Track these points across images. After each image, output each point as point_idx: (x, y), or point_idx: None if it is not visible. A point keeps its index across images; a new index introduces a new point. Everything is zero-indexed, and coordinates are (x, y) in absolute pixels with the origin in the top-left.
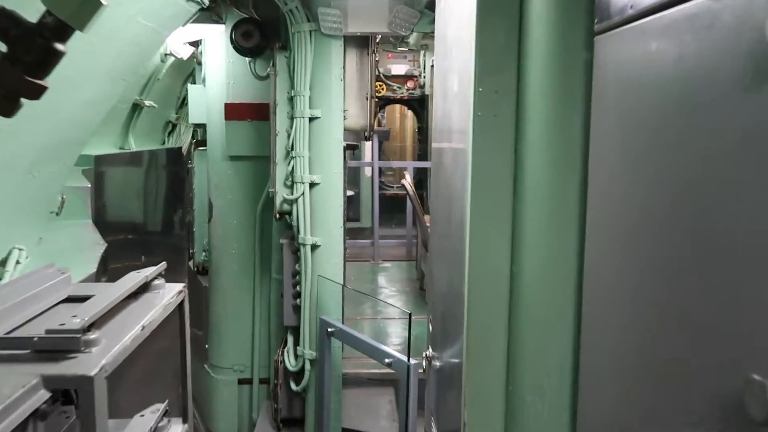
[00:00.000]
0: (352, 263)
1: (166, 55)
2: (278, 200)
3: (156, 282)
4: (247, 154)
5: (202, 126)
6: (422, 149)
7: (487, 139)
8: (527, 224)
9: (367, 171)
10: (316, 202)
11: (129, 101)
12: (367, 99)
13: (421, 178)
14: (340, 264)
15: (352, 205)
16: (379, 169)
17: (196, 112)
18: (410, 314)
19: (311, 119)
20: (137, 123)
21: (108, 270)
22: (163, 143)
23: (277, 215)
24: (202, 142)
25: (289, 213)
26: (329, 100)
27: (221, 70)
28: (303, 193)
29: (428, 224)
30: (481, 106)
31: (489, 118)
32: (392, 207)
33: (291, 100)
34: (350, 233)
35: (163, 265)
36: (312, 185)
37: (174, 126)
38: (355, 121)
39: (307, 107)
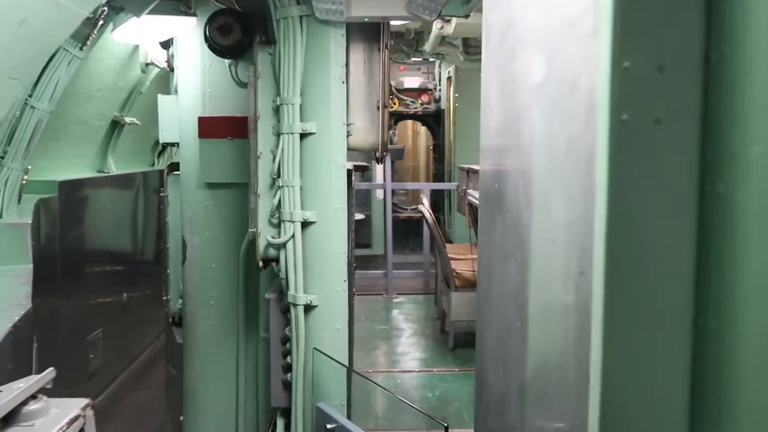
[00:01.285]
0: (363, 297)
1: (147, 65)
2: (261, 244)
3: (33, 407)
4: (227, 181)
5: (176, 145)
6: (438, 169)
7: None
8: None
9: (378, 193)
10: (312, 248)
11: (106, 118)
12: (378, 109)
13: (437, 200)
14: (343, 331)
15: (362, 230)
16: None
17: (167, 129)
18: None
19: (303, 135)
20: (118, 143)
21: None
22: (153, 165)
23: (261, 263)
24: (177, 165)
25: (277, 260)
26: (327, 110)
27: (196, 75)
28: (293, 236)
29: (450, 254)
30: (629, 99)
31: (645, 122)
32: (406, 231)
33: (277, 110)
34: (360, 262)
35: (49, 373)
36: (305, 224)
37: (165, 146)
38: (362, 138)
39: (298, 120)
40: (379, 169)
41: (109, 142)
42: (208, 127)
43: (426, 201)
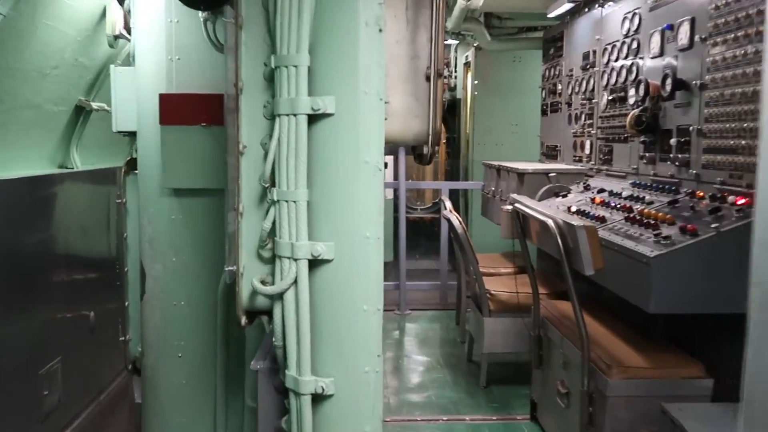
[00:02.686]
0: None
1: (116, 38)
2: (244, 290)
3: None
4: (200, 186)
5: (133, 135)
6: (451, 165)
7: None
8: None
9: (387, 192)
10: (325, 301)
11: (67, 102)
12: (427, 80)
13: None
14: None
15: None
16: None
17: (122, 112)
18: None
19: (314, 118)
20: (84, 132)
21: None
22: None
23: (243, 319)
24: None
25: (268, 312)
26: (354, 76)
27: (158, 37)
28: (296, 281)
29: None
30: None
31: None
32: (416, 233)
33: (271, 78)
34: None
35: None
36: (316, 263)
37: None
38: (402, 125)
39: (305, 92)
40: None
41: (72, 132)
42: (174, 110)
43: (448, 203)
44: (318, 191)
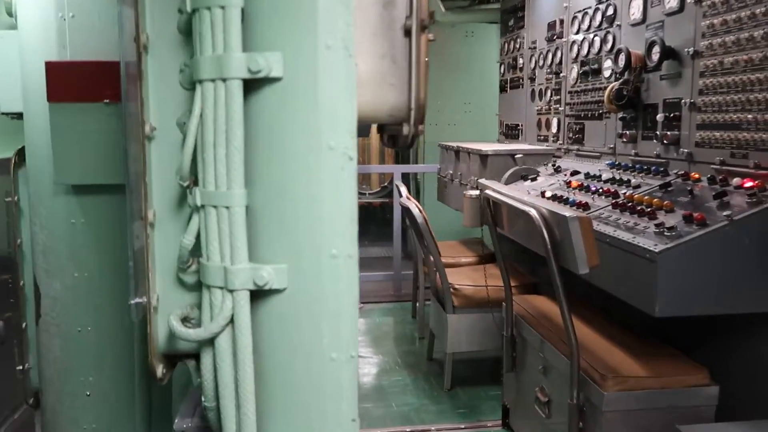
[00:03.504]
0: None
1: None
2: (159, 330)
3: None
4: (106, 182)
5: (18, 117)
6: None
7: None
8: None
9: None
10: (275, 348)
11: None
12: (406, 35)
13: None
14: None
15: None
16: None
17: (6, 89)
18: None
19: (254, 83)
20: None
21: None
22: None
23: (159, 369)
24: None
25: (193, 356)
26: (311, 21)
27: None
28: (233, 320)
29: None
30: None
31: None
32: (365, 219)
33: (188, 29)
34: None
35: None
36: (261, 294)
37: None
38: (373, 95)
39: (238, 44)
40: None
41: None
42: (67, 82)
43: (404, 189)
44: (261, 191)
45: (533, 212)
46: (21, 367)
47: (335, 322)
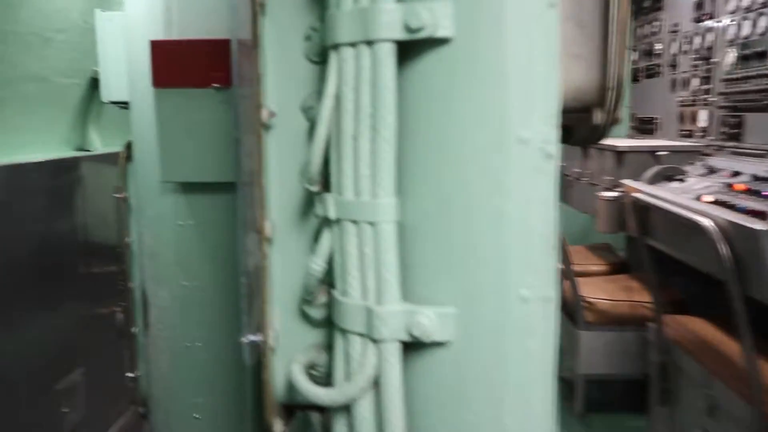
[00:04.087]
0: None
1: None
2: (275, 375)
3: None
4: (218, 180)
5: (126, 106)
6: None
7: None
8: None
9: None
10: (436, 424)
11: (81, 74)
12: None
13: None
14: None
15: None
16: None
17: (111, 75)
18: None
19: (410, 47)
20: (103, 108)
21: None
22: None
23: (278, 424)
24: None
25: (318, 408)
26: None
27: None
28: (378, 381)
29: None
30: None
31: None
32: None
33: None
34: None
35: None
36: (418, 348)
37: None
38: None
39: None
40: None
41: (89, 109)
42: (173, 65)
43: None
44: (419, 203)
45: (707, 223)
46: (131, 374)
47: (522, 396)
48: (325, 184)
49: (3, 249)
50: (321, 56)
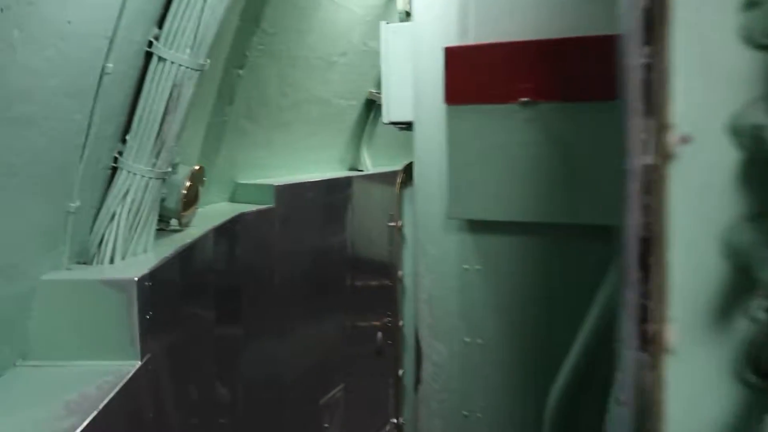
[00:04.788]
0: None
1: (407, 14)
2: None
3: None
4: (530, 219)
5: (407, 127)
6: None
7: None
8: None
9: None
10: None
11: (358, 96)
12: None
13: None
14: None
15: None
16: None
17: (394, 93)
18: None
19: None
20: (375, 129)
21: None
22: None
23: None
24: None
25: None
26: None
27: None
28: None
29: None
30: None
31: None
32: None
33: None
34: None
35: None
36: None
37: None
38: None
39: None
40: None
41: (363, 130)
42: (467, 75)
43: None
44: None
45: None
46: (395, 420)
47: None
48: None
49: (286, 261)
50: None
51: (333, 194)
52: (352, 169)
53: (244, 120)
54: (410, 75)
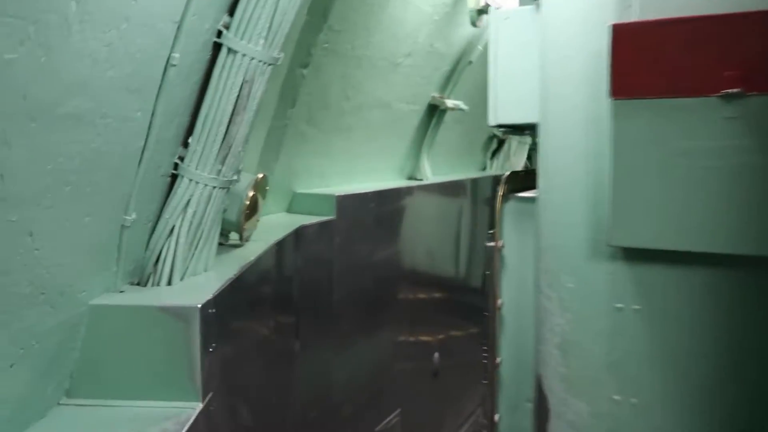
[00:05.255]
0: None
1: (479, 12)
2: None
3: None
4: (743, 251)
5: (528, 132)
6: None
7: None
8: None
9: None
10: None
11: (421, 101)
12: None
13: None
14: None
15: None
16: None
17: (503, 91)
18: None
19: None
20: (436, 137)
21: None
22: (484, 169)
23: None
24: (525, 178)
25: None
26: None
27: None
28: None
29: None
30: None
31: None
32: None
33: None
34: None
35: None
36: None
37: (501, 142)
38: None
39: None
40: None
41: (424, 137)
42: (642, 61)
43: None
44: None
45: None
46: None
47: None
48: None
49: (347, 277)
50: None
51: (395, 204)
52: (410, 178)
53: (305, 124)
54: (533, 68)
